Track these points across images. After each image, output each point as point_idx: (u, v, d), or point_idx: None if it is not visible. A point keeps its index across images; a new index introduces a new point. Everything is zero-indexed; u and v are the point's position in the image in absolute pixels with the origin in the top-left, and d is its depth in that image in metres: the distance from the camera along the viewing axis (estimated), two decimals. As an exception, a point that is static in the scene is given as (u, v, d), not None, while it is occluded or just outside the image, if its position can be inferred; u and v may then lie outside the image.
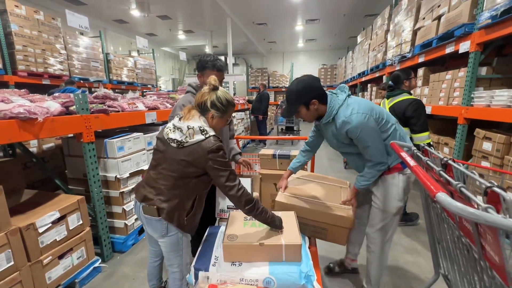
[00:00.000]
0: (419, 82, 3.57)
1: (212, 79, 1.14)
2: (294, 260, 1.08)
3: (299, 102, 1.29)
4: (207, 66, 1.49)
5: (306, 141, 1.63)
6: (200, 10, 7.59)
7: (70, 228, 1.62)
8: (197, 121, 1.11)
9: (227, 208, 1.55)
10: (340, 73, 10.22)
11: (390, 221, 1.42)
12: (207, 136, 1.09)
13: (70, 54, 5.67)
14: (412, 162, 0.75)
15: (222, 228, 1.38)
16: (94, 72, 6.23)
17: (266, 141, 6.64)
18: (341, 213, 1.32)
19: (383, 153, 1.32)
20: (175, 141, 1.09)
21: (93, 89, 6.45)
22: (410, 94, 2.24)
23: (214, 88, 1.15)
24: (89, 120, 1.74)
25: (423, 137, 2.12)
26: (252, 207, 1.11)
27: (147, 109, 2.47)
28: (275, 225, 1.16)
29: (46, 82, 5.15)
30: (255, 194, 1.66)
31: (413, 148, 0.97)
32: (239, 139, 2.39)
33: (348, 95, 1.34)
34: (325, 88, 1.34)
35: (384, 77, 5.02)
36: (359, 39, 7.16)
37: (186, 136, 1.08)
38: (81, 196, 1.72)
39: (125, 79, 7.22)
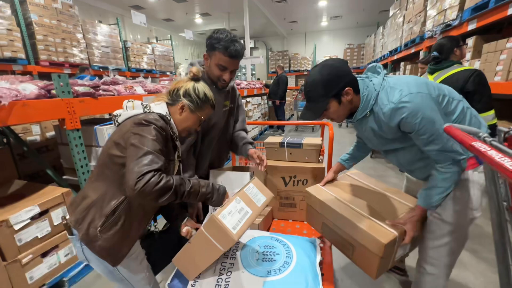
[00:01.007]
0: (468, 55, 2.95)
1: (195, 69, 0.96)
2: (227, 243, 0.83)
3: (328, 95, 0.93)
4: (218, 47, 1.08)
5: (356, 133, 1.28)
6: (216, -11, 7.17)
7: (55, 224, 1.49)
8: (158, 107, 0.91)
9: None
10: (368, 52, 9.32)
11: (460, 236, 1.01)
12: (147, 111, 0.87)
13: (89, 42, 5.68)
14: (494, 153, 0.41)
15: None
16: (113, 61, 6.24)
17: (284, 127, 6.26)
18: (376, 233, 0.92)
19: (453, 144, 0.91)
20: (114, 118, 0.90)
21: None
22: (462, 65, 1.75)
23: (194, 78, 0.98)
24: (72, 104, 1.55)
25: (489, 117, 1.63)
26: (170, 195, 0.77)
27: (146, 93, 2.27)
28: (214, 204, 0.91)
29: (67, 71, 5.23)
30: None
31: (483, 134, 0.61)
32: (253, 125, 2.10)
33: (385, 75, 0.99)
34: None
35: (421, 53, 4.33)
36: (391, 11, 6.31)
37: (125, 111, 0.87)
38: (67, 189, 1.58)
39: (144, 66, 7.19)
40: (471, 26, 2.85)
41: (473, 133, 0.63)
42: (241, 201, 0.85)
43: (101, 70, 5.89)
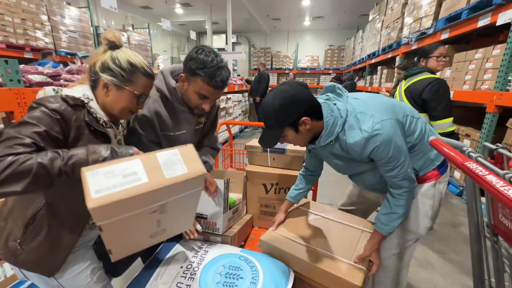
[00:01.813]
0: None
1: (111, 34, 0.76)
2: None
3: (281, 124, 0.87)
4: (200, 74, 0.89)
5: (304, 164, 1.22)
6: (198, -21, 6.89)
7: None
8: (74, 89, 0.77)
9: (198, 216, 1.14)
10: (348, 55, 9.57)
11: (412, 244, 1.04)
12: (55, 94, 0.73)
13: (55, 25, 5.17)
14: (493, 179, 0.37)
15: (178, 248, 1.04)
16: (83, 47, 5.75)
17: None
18: (349, 277, 0.88)
19: (411, 170, 0.92)
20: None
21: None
22: (433, 74, 1.80)
23: (112, 47, 0.78)
24: (23, 95, 1.36)
25: (445, 125, 1.69)
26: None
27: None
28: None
29: (28, 55, 4.73)
30: (237, 197, 1.28)
31: (467, 148, 0.59)
32: (231, 125, 2.01)
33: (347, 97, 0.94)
34: (331, 73, 0.91)
35: (398, 58, 4.51)
36: (371, 16, 6.50)
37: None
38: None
39: (116, 55, 6.73)
40: (444, 36, 2.98)
41: (458, 148, 0.61)
42: (139, 165, 0.61)
43: (68, 56, 5.41)
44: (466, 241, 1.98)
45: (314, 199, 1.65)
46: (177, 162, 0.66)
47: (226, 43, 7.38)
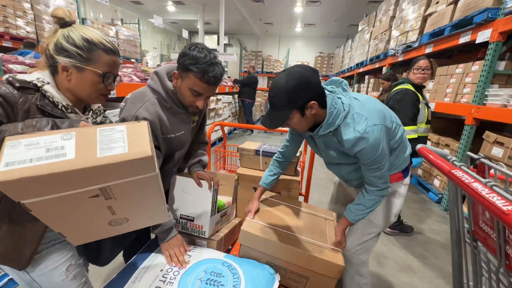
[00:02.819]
0: (424, 75, 3.24)
1: (59, 9, 0.69)
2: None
3: (291, 105, 0.87)
4: (193, 70, 0.87)
5: (280, 150, 1.25)
6: (192, -22, 6.84)
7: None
8: (30, 75, 0.71)
9: (180, 218, 1.11)
10: (337, 62, 9.81)
11: (375, 237, 1.16)
12: (9, 79, 0.67)
13: (38, 15, 4.94)
14: (473, 183, 0.39)
15: (158, 258, 0.99)
16: (67, 39, 5.51)
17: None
18: (330, 257, 0.95)
19: (388, 172, 1.02)
20: None
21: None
22: (416, 86, 1.88)
23: (63, 24, 0.71)
24: (4, 85, 1.29)
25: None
26: None
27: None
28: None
29: (7, 44, 4.49)
30: (227, 200, 1.26)
31: (451, 157, 0.62)
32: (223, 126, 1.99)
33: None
34: (320, 79, 0.94)
35: (384, 68, 4.68)
36: (360, 26, 6.72)
37: None
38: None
39: (104, 49, 6.51)
40: (428, 50, 3.13)
41: (443, 156, 0.63)
42: (71, 139, 0.53)
43: (52, 48, 5.18)
44: (445, 247, 2.07)
45: (307, 189, 1.70)
46: (119, 140, 0.56)
47: (218, 44, 7.35)
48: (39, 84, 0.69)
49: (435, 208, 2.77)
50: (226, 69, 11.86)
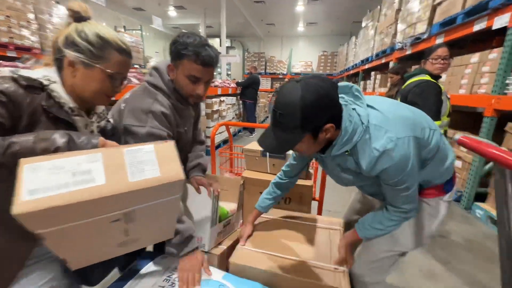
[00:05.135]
0: (435, 67, 3.09)
1: (76, 3, 0.64)
2: None
3: (305, 127, 0.69)
4: (186, 53, 0.84)
5: (284, 169, 1.07)
6: (192, -18, 6.85)
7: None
8: (35, 71, 0.65)
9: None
10: (341, 60, 9.66)
11: (396, 255, 0.95)
12: (14, 76, 0.60)
13: (42, 24, 4.99)
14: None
15: (150, 267, 0.89)
16: (71, 47, 5.56)
17: (254, 129, 6.11)
18: (332, 282, 0.82)
19: (417, 193, 0.83)
20: None
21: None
22: (434, 76, 1.73)
23: (78, 18, 0.66)
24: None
25: None
26: None
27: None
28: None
29: (11, 54, 4.53)
30: (231, 207, 1.15)
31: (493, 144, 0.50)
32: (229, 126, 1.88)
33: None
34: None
35: (391, 63, 4.52)
36: (364, 22, 6.58)
37: None
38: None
39: (107, 56, 6.58)
40: (439, 40, 2.98)
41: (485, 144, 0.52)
42: (99, 161, 0.48)
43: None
44: (469, 249, 1.91)
45: (320, 210, 1.48)
46: (149, 161, 0.52)
47: (220, 46, 7.31)
48: (45, 83, 0.63)
49: (454, 207, 2.61)
50: (229, 72, 11.85)
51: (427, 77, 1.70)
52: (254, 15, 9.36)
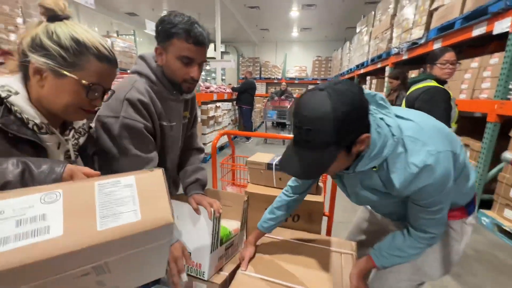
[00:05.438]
0: (434, 72, 3.07)
1: (51, 1, 0.53)
2: None
3: (341, 142, 0.59)
4: (176, 32, 0.75)
5: (291, 184, 0.96)
6: (186, -13, 6.80)
7: None
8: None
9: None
10: (335, 65, 9.73)
11: (417, 285, 0.87)
12: None
13: (30, 28, 4.82)
14: None
15: None
16: (61, 52, 5.40)
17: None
18: None
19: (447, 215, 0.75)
20: None
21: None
22: (440, 82, 1.68)
23: (51, 17, 0.55)
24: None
25: None
26: None
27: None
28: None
29: (-2, 59, 4.35)
30: (234, 226, 1.03)
31: None
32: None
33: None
34: (319, 83, 0.71)
35: (387, 68, 4.52)
36: (358, 28, 6.62)
37: None
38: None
39: (99, 61, 6.41)
40: (437, 45, 2.97)
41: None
42: (58, 201, 0.37)
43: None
44: (479, 261, 1.84)
45: (329, 226, 1.33)
46: (127, 200, 0.40)
47: (215, 51, 7.25)
48: (3, 95, 0.51)
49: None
50: (223, 77, 11.78)
51: (434, 83, 1.65)
52: (248, 20, 9.36)
